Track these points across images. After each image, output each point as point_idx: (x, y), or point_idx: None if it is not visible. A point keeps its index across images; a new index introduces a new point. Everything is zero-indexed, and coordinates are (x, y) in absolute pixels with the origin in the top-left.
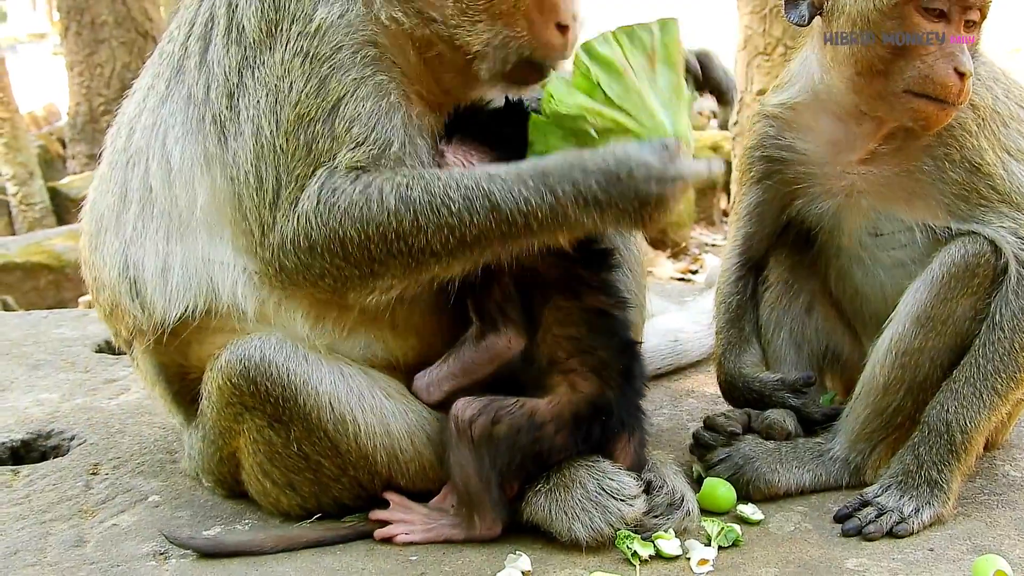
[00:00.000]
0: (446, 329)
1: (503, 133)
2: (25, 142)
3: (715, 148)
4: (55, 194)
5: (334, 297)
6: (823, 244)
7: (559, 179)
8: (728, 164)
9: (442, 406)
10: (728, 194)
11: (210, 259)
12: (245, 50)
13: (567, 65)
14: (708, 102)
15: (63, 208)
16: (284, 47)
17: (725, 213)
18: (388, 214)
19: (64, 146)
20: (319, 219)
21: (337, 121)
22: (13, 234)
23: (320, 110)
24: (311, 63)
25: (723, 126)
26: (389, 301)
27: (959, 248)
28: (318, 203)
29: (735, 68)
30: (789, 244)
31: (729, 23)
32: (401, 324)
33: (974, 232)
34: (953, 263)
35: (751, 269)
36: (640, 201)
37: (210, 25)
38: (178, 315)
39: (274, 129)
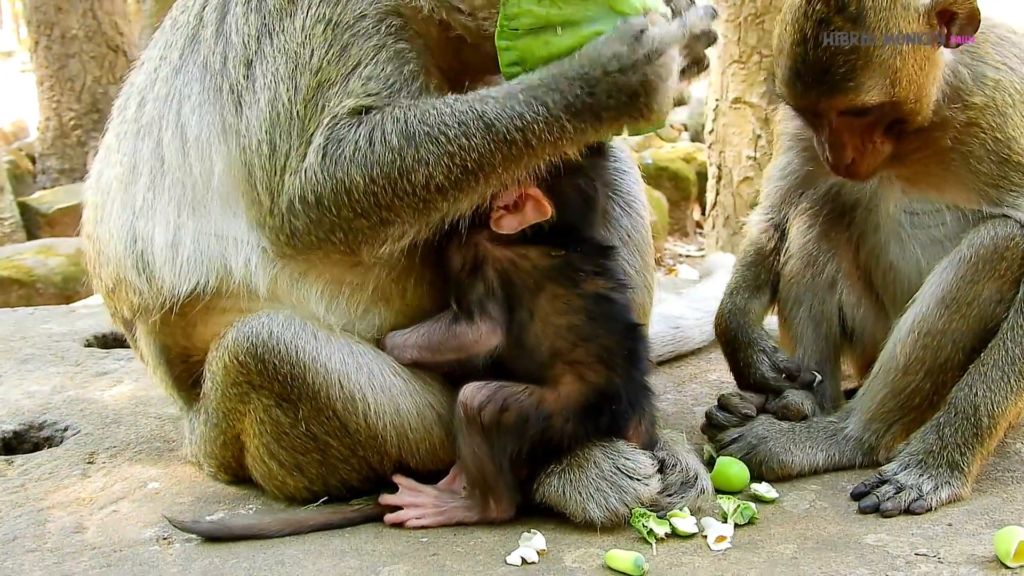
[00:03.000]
0: None
1: None
2: None
3: (688, 160)
4: (25, 209)
5: (347, 256)
6: (859, 219)
7: (547, 91)
8: (702, 175)
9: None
10: (702, 206)
11: (224, 234)
12: (265, 17)
13: None
14: (679, 115)
15: (33, 223)
16: (305, 13)
17: (699, 225)
18: (391, 151)
19: (34, 161)
20: (325, 172)
21: (354, 79)
22: None
23: (339, 74)
24: (333, 29)
25: (694, 138)
26: (403, 250)
27: (988, 230)
28: (324, 156)
29: (710, 76)
30: (821, 217)
31: None
32: (414, 303)
33: (1005, 215)
34: (982, 245)
35: (778, 227)
36: (627, 94)
37: None
38: (188, 291)
39: (292, 95)
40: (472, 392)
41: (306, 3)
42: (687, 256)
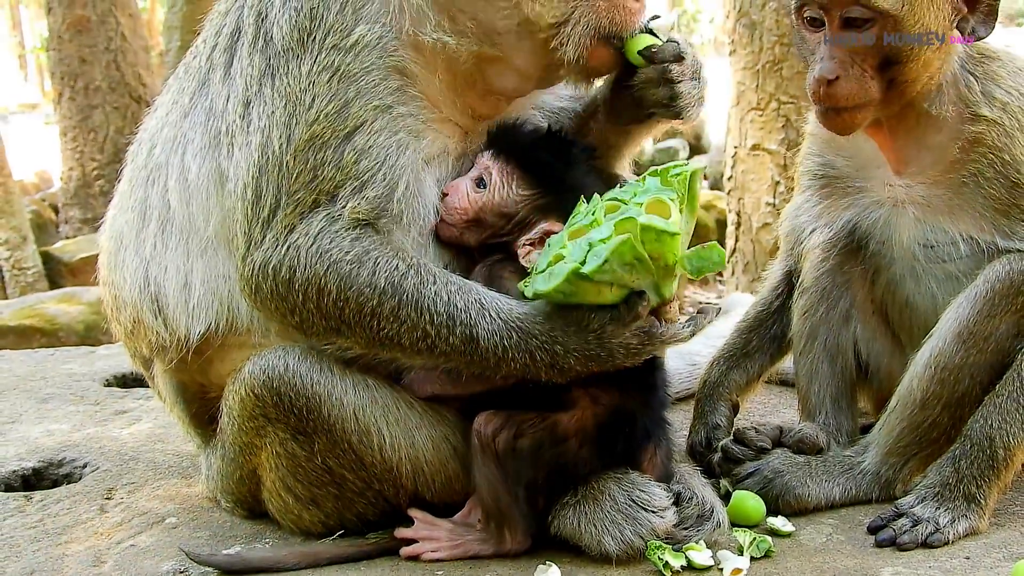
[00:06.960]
0: None
1: (543, 160)
2: (18, 207)
3: (707, 208)
4: (48, 258)
5: (297, 333)
6: (875, 253)
7: (540, 344)
8: (721, 223)
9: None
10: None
11: (230, 276)
12: (270, 59)
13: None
14: (701, 161)
15: (56, 272)
16: (313, 58)
17: (719, 272)
18: (374, 290)
19: (56, 212)
20: (308, 259)
21: (348, 151)
22: (6, 298)
23: (334, 135)
24: (339, 81)
25: (713, 186)
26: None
27: (1004, 265)
28: (313, 244)
29: (728, 124)
30: (835, 251)
31: (722, 79)
32: None
33: (1020, 250)
34: (998, 279)
35: (791, 275)
36: (613, 367)
37: (237, 36)
38: (201, 332)
39: (284, 144)
40: (486, 420)
41: (316, 48)
42: (707, 303)
